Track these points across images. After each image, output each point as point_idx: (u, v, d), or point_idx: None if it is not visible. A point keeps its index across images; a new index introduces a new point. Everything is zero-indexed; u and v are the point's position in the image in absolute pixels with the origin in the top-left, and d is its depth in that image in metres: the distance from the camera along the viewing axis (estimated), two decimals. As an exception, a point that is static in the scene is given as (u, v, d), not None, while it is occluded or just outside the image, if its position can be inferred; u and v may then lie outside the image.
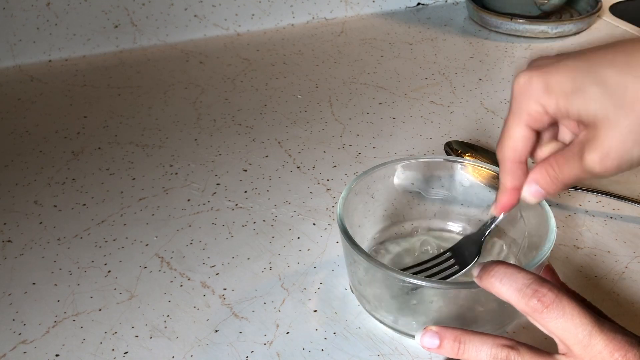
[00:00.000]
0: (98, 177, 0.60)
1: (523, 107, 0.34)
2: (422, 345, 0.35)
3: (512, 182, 0.37)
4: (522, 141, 0.35)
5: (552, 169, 0.35)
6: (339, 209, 0.43)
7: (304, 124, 0.68)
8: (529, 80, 0.34)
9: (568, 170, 0.34)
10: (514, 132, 0.35)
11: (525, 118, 0.34)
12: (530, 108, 0.34)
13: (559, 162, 0.34)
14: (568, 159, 0.34)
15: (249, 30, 0.92)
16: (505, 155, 0.36)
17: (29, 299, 0.46)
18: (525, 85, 0.34)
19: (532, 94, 0.33)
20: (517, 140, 0.35)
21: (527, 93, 0.34)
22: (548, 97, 0.33)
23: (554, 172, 0.35)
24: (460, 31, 0.93)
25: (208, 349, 0.42)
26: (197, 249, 0.51)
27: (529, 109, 0.34)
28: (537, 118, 0.34)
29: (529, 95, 0.34)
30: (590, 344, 0.30)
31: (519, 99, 0.34)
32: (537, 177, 0.36)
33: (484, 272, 0.34)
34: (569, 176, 0.34)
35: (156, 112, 0.71)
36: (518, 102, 0.35)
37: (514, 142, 0.36)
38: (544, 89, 0.33)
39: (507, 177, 0.37)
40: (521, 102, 0.34)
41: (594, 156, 0.32)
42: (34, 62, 0.83)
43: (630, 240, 0.50)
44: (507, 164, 0.37)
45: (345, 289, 0.46)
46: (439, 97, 0.74)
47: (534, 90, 0.33)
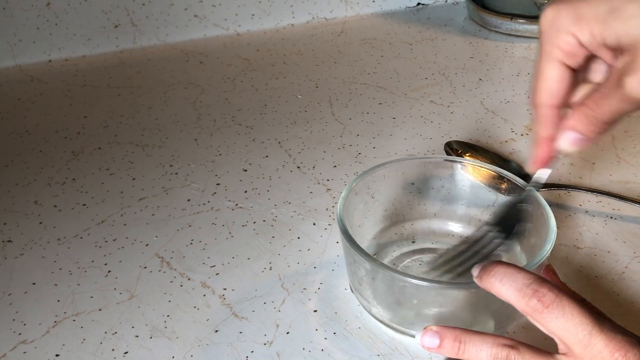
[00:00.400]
0: (98, 177, 0.60)
1: (554, 43, 0.32)
2: (423, 344, 0.35)
3: (548, 130, 0.34)
4: (558, 82, 0.33)
5: (589, 109, 0.32)
6: (339, 208, 0.43)
7: (304, 124, 0.68)
8: (557, 13, 0.31)
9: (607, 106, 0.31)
10: (547, 73, 0.33)
11: (557, 54, 0.32)
12: (561, 42, 0.31)
13: (596, 99, 0.32)
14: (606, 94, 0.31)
15: (249, 30, 0.92)
16: (541, 100, 0.33)
17: (29, 299, 0.46)
18: (553, 19, 0.31)
19: (562, 26, 0.31)
20: (551, 81, 0.33)
21: (556, 26, 0.31)
22: (580, 25, 0.30)
23: (592, 112, 0.32)
24: (460, 31, 0.93)
25: (208, 349, 0.42)
26: (197, 249, 0.51)
27: (561, 43, 0.31)
28: (570, 52, 0.32)
29: (558, 28, 0.31)
30: (590, 344, 0.30)
31: (548, 35, 0.32)
32: (573, 122, 0.33)
33: (484, 272, 0.34)
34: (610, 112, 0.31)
35: (156, 112, 0.71)
36: (548, 39, 0.32)
37: (549, 84, 0.33)
38: (575, 18, 0.31)
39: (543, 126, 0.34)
40: (551, 38, 0.32)
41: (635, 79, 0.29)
42: (34, 62, 0.83)
43: (630, 240, 0.50)
44: (542, 110, 0.34)
45: (345, 289, 0.46)
46: (439, 97, 0.74)
47: (563, 22, 0.31)
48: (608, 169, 0.60)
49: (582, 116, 0.32)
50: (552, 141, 0.34)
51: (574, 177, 0.58)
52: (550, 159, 0.36)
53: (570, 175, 0.59)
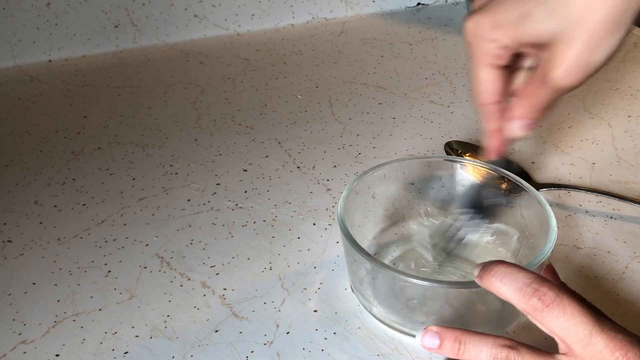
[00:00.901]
0: (98, 177, 0.60)
1: (480, 50, 0.36)
2: (423, 345, 0.35)
3: (494, 123, 0.38)
4: (492, 82, 0.37)
5: (527, 100, 0.36)
6: (340, 209, 0.43)
7: (304, 124, 0.68)
8: (477, 23, 0.35)
9: (541, 95, 0.35)
10: (481, 76, 0.37)
11: (487, 60, 0.36)
12: (487, 48, 0.35)
13: (530, 90, 0.36)
14: (537, 85, 0.35)
15: (249, 30, 0.92)
16: (480, 100, 0.38)
17: (29, 299, 0.46)
18: (475, 29, 0.35)
19: (484, 34, 0.35)
20: (486, 83, 0.37)
21: (479, 35, 0.35)
22: (499, 31, 0.34)
23: (530, 101, 0.36)
24: (460, 31, 0.93)
25: (208, 349, 0.42)
26: (197, 249, 0.51)
27: (487, 49, 0.35)
28: (497, 55, 0.35)
29: (481, 37, 0.35)
30: (590, 343, 0.30)
31: (474, 44, 0.36)
32: (518, 111, 0.37)
33: (485, 271, 0.34)
34: (544, 99, 0.35)
35: (156, 112, 0.71)
36: (474, 47, 0.36)
37: (483, 85, 0.37)
38: (493, 26, 0.34)
39: (490, 121, 0.38)
40: (477, 46, 0.36)
41: (557, 72, 0.33)
42: (34, 62, 0.83)
43: (630, 240, 0.50)
44: (485, 107, 0.38)
45: (345, 289, 0.46)
46: (439, 97, 0.74)
47: (484, 31, 0.35)
48: (608, 169, 0.60)
49: (523, 105, 0.36)
50: (502, 131, 0.38)
51: (574, 177, 0.58)
52: (503, 146, 0.39)
53: (570, 175, 0.59)
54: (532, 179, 0.57)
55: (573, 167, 0.60)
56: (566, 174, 0.59)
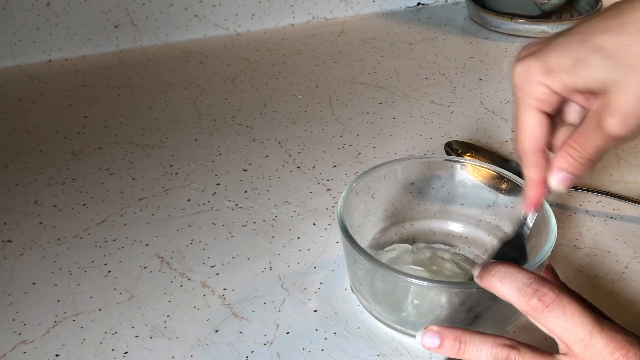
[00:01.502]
0: (98, 177, 0.60)
1: (529, 94, 0.34)
2: (423, 344, 0.35)
3: (538, 173, 0.36)
4: (538, 128, 0.35)
5: (573, 150, 0.34)
6: (340, 209, 0.43)
7: (304, 124, 0.68)
8: (528, 67, 0.34)
9: (591, 145, 0.34)
10: (527, 122, 0.35)
11: (534, 104, 0.34)
12: (536, 92, 0.34)
13: (579, 140, 0.34)
14: (588, 134, 0.33)
15: (249, 30, 0.92)
16: (526, 147, 0.36)
17: (29, 299, 0.46)
18: (525, 73, 0.34)
19: (534, 78, 0.34)
20: (533, 129, 0.35)
21: (528, 79, 0.34)
22: (550, 77, 0.33)
23: (577, 152, 0.34)
24: (460, 31, 0.93)
25: (208, 349, 0.42)
26: (197, 249, 0.51)
27: (535, 93, 0.34)
28: (545, 100, 0.34)
29: (531, 81, 0.34)
30: (590, 344, 0.30)
31: (523, 88, 0.34)
32: (561, 163, 0.35)
33: (485, 271, 0.34)
34: (593, 151, 0.34)
35: (156, 112, 0.71)
36: (523, 91, 0.35)
37: (531, 131, 0.35)
38: (544, 71, 0.33)
39: (532, 170, 0.37)
40: (525, 90, 0.34)
41: (614, 120, 0.32)
42: (34, 62, 0.83)
43: (630, 240, 0.50)
44: (529, 156, 0.36)
45: (345, 289, 0.46)
46: (439, 97, 0.74)
47: (534, 75, 0.33)
48: (608, 169, 0.59)
49: (568, 156, 0.35)
50: (543, 182, 0.37)
51: (574, 177, 0.58)
52: (542, 199, 0.38)
53: (571, 175, 0.58)
54: (532, 179, 0.57)
55: (573, 167, 0.60)
56: (566, 174, 0.59)
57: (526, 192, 0.38)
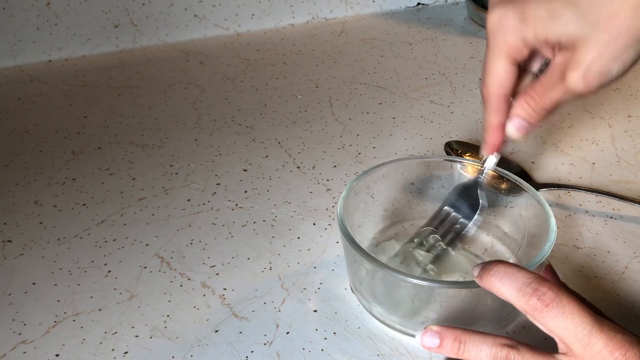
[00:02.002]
0: (98, 177, 0.60)
1: (502, 41, 0.35)
2: (423, 344, 0.35)
3: (498, 118, 0.38)
4: (506, 75, 0.36)
5: (532, 99, 0.36)
6: (340, 209, 0.43)
7: (304, 124, 0.68)
8: (504, 15, 0.35)
9: (550, 96, 0.35)
10: (496, 67, 0.36)
11: (505, 51, 0.35)
12: (509, 40, 0.35)
13: (538, 90, 0.35)
14: (548, 85, 0.35)
15: (249, 30, 0.92)
16: (491, 91, 0.37)
17: (29, 299, 0.46)
18: (500, 20, 0.35)
19: (509, 26, 0.35)
20: (500, 75, 0.36)
21: (504, 26, 0.35)
22: (525, 26, 0.34)
23: (535, 101, 0.36)
24: (460, 31, 0.93)
25: (208, 349, 0.42)
26: (197, 249, 0.51)
27: (508, 41, 0.35)
28: (517, 49, 0.35)
29: (505, 28, 0.35)
30: (590, 343, 0.30)
31: (497, 34, 0.35)
32: (518, 111, 0.37)
33: (484, 271, 0.34)
34: (550, 102, 0.35)
35: (156, 112, 0.71)
36: (496, 37, 0.35)
37: (498, 77, 0.36)
38: (520, 20, 0.34)
39: (493, 115, 0.38)
40: (499, 36, 0.35)
41: (576, 74, 0.33)
42: (34, 62, 0.83)
43: (630, 240, 0.50)
44: (492, 100, 0.37)
45: (345, 289, 0.46)
46: (439, 97, 0.74)
47: (510, 23, 0.34)
48: (608, 169, 0.60)
49: (526, 105, 0.36)
50: (502, 128, 0.38)
51: (574, 177, 0.58)
52: (500, 145, 0.39)
53: (570, 175, 0.59)
54: (532, 179, 0.57)
55: (573, 167, 0.60)
56: (566, 174, 0.59)
57: (485, 136, 0.39)
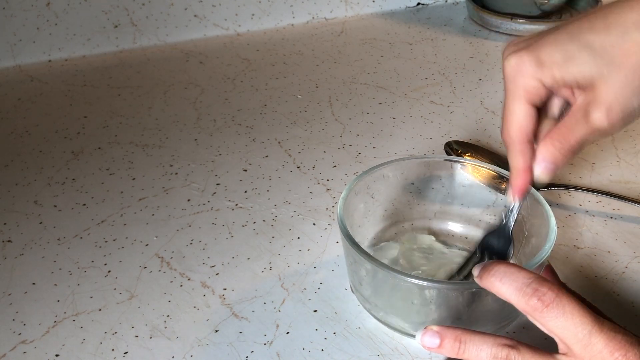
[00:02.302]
0: (98, 177, 0.60)
1: (520, 86, 0.36)
2: (423, 344, 0.35)
3: (524, 162, 0.38)
4: (527, 119, 0.37)
5: (557, 142, 0.36)
6: (340, 209, 0.43)
7: (304, 124, 0.68)
8: (520, 60, 0.35)
9: (574, 136, 0.35)
10: (517, 112, 0.37)
11: (524, 96, 0.36)
12: (527, 85, 0.35)
13: (562, 132, 0.36)
14: (572, 126, 0.35)
15: (249, 30, 0.92)
16: (513, 136, 0.37)
17: (29, 299, 0.46)
18: (517, 65, 0.35)
19: (526, 71, 0.35)
20: (521, 119, 0.37)
21: (521, 72, 0.35)
22: (542, 70, 0.35)
23: (560, 144, 0.36)
24: (460, 31, 0.93)
25: (208, 349, 0.42)
26: (197, 249, 0.51)
27: (526, 85, 0.35)
28: (535, 93, 0.36)
29: (523, 73, 0.35)
30: (590, 343, 0.30)
31: (514, 79, 0.36)
32: (544, 154, 0.37)
33: (484, 271, 0.34)
34: (576, 142, 0.36)
35: (156, 112, 0.71)
36: (514, 82, 0.36)
37: (519, 122, 0.37)
38: (536, 64, 0.35)
39: (518, 159, 0.38)
40: (517, 81, 0.36)
41: (599, 114, 0.34)
42: (34, 62, 0.83)
43: (630, 240, 0.50)
44: (516, 145, 0.38)
45: (345, 289, 0.46)
46: (439, 97, 0.74)
47: (527, 68, 0.35)
48: (608, 169, 0.60)
49: (552, 147, 0.36)
50: (528, 171, 0.38)
51: (574, 177, 0.58)
52: (528, 187, 0.39)
53: (570, 175, 0.59)
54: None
55: (573, 167, 0.60)
56: (566, 174, 0.59)
57: (512, 181, 0.39)
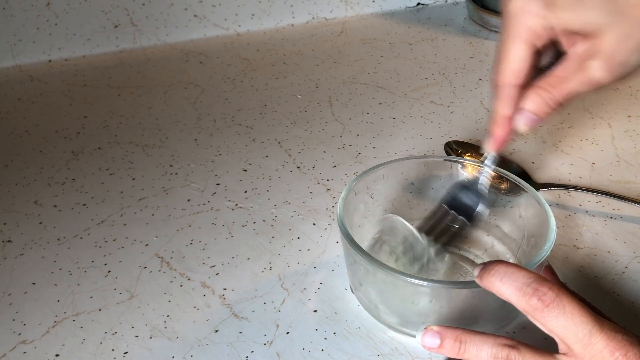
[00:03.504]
0: (98, 177, 0.60)
1: (523, 25, 0.33)
2: (423, 344, 0.35)
3: (509, 109, 0.35)
4: (524, 62, 0.34)
5: (545, 91, 0.34)
6: (339, 209, 0.43)
7: (304, 124, 0.68)
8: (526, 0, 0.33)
9: (566, 87, 0.33)
10: (514, 53, 0.34)
11: (526, 36, 0.34)
12: (531, 24, 0.33)
13: (552, 82, 0.34)
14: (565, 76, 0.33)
15: (249, 30, 0.92)
16: (505, 79, 0.35)
17: (29, 299, 0.46)
18: (522, 5, 0.33)
19: (532, 10, 0.33)
20: (518, 61, 0.34)
21: (526, 10, 0.33)
22: (550, 10, 0.32)
23: (548, 94, 0.34)
24: (460, 31, 0.93)
25: (208, 349, 0.42)
26: (197, 249, 0.51)
27: (531, 25, 0.33)
28: (538, 35, 0.33)
29: (530, 11, 0.33)
30: (590, 343, 0.30)
31: (518, 18, 0.33)
32: (529, 104, 0.35)
33: (485, 271, 0.34)
34: (567, 93, 0.34)
35: (156, 112, 0.71)
36: (517, 21, 0.33)
37: (515, 64, 0.34)
38: (545, 4, 0.33)
39: (504, 105, 0.35)
40: (520, 20, 0.33)
41: (598, 63, 0.32)
42: (34, 62, 0.83)
43: (630, 240, 0.50)
44: (505, 89, 0.35)
45: (345, 289, 0.46)
46: (439, 97, 0.74)
47: (533, 7, 0.33)
48: (608, 169, 0.60)
49: (538, 97, 0.34)
50: (511, 120, 0.36)
51: (574, 177, 0.58)
52: (507, 139, 0.37)
53: (570, 175, 0.59)
54: (532, 179, 0.57)
55: (573, 167, 0.60)
56: (566, 174, 0.59)
57: (492, 129, 0.37)
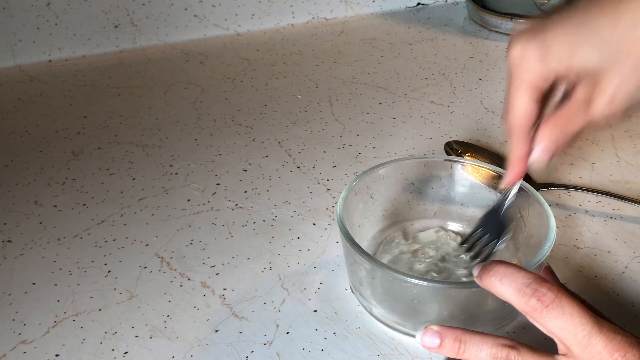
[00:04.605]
0: (98, 177, 0.60)
1: (524, 75, 0.35)
2: (423, 344, 0.35)
3: (522, 150, 0.38)
4: (529, 108, 0.36)
5: (555, 128, 0.36)
6: (339, 209, 0.43)
7: (304, 124, 0.68)
8: (526, 49, 0.34)
9: (573, 124, 0.35)
10: (519, 101, 0.36)
11: (528, 85, 0.35)
12: (531, 74, 0.35)
13: (561, 119, 0.36)
14: (572, 115, 0.35)
15: (249, 30, 0.92)
16: (515, 124, 0.37)
17: (29, 299, 0.46)
18: (522, 55, 0.35)
19: (531, 61, 0.34)
20: (523, 108, 0.36)
21: (525, 61, 0.34)
22: (547, 61, 0.34)
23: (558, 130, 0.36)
24: (460, 31, 0.93)
25: (208, 349, 0.42)
26: (197, 249, 0.51)
27: (531, 75, 0.35)
28: (539, 82, 0.35)
29: (527, 63, 0.34)
30: (589, 344, 0.30)
31: (519, 69, 0.35)
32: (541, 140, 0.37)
33: (484, 271, 0.34)
34: (575, 129, 0.35)
35: (156, 112, 0.72)
36: (518, 72, 0.35)
37: (522, 110, 0.36)
38: (542, 54, 0.34)
39: (517, 146, 0.38)
40: (521, 71, 0.35)
41: (602, 101, 0.33)
42: (34, 62, 0.83)
43: (630, 240, 0.50)
44: (517, 133, 0.37)
45: (345, 289, 0.46)
46: (439, 97, 0.74)
47: (531, 58, 0.34)
48: (608, 169, 0.60)
49: (549, 134, 0.36)
50: (525, 159, 0.38)
51: (574, 177, 0.58)
52: (522, 175, 0.40)
53: (570, 175, 0.59)
54: (532, 179, 0.57)
55: (573, 167, 0.60)
56: (566, 174, 0.59)
57: (509, 169, 0.39)
